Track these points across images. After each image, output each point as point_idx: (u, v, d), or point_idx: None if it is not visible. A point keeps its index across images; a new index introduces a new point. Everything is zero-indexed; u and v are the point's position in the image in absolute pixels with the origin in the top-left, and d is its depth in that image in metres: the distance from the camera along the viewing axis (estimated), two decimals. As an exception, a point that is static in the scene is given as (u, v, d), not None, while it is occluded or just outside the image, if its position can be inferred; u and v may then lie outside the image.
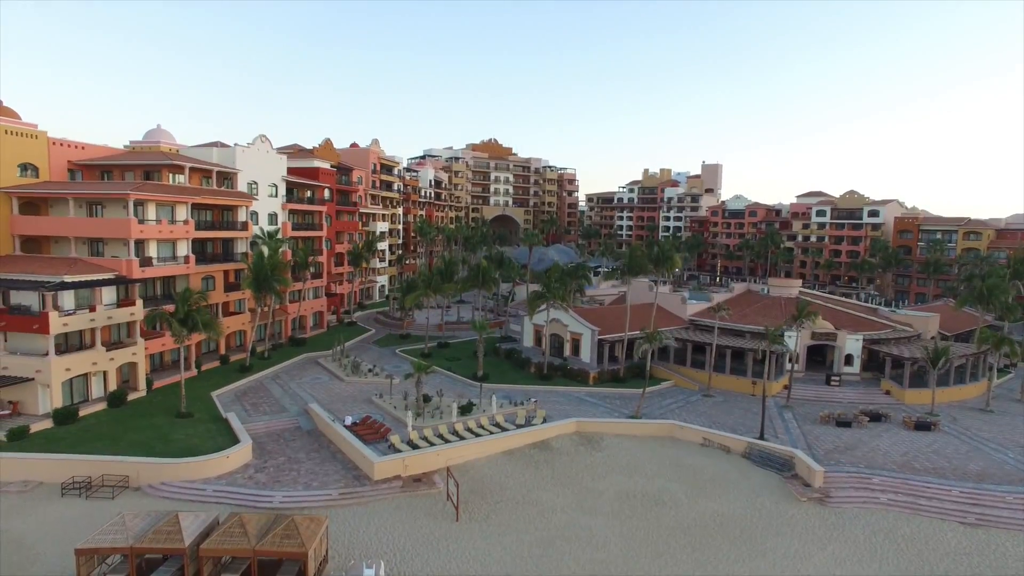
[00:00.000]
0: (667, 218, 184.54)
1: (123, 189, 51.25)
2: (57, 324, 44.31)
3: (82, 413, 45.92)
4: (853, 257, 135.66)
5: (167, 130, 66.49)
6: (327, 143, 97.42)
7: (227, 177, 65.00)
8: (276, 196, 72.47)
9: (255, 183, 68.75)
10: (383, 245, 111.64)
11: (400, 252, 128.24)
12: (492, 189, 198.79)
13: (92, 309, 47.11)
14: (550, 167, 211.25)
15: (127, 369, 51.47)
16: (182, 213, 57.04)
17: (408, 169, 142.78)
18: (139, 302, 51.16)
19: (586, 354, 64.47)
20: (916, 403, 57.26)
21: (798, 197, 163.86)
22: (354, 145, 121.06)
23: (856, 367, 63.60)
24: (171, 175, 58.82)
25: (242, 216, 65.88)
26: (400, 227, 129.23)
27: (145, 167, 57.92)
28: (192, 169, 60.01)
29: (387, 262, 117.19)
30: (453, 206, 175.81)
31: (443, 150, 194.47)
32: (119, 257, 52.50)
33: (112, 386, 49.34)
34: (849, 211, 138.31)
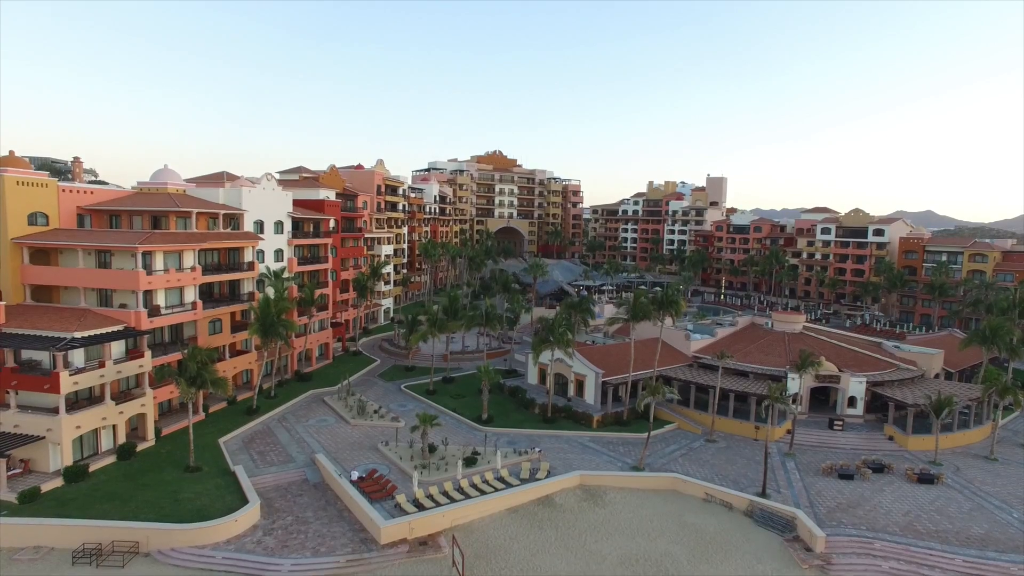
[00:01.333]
0: (671, 231, 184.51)
1: (131, 241, 51.78)
2: (67, 384, 44.93)
3: (92, 468, 46.55)
4: (858, 275, 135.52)
5: (174, 170, 67.13)
6: (332, 170, 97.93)
7: (233, 218, 65.49)
8: (282, 233, 72.99)
9: (261, 221, 69.28)
10: (388, 268, 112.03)
11: (405, 271, 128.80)
12: (497, 201, 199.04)
13: (101, 365, 47.72)
14: (555, 179, 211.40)
15: (136, 419, 52.09)
16: (189, 259, 57.61)
17: (413, 188, 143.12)
18: (147, 353, 51.76)
19: (590, 395, 64.84)
20: (919, 449, 57.46)
21: (804, 213, 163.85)
22: (359, 167, 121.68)
23: (859, 409, 63.72)
24: (178, 219, 59.30)
25: (248, 256, 66.42)
26: (405, 246, 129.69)
27: (153, 213, 58.44)
28: (199, 213, 60.49)
29: (392, 283, 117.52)
30: (458, 219, 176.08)
31: (448, 162, 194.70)
32: (127, 307, 53.12)
33: (121, 438, 49.99)
34: (854, 229, 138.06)
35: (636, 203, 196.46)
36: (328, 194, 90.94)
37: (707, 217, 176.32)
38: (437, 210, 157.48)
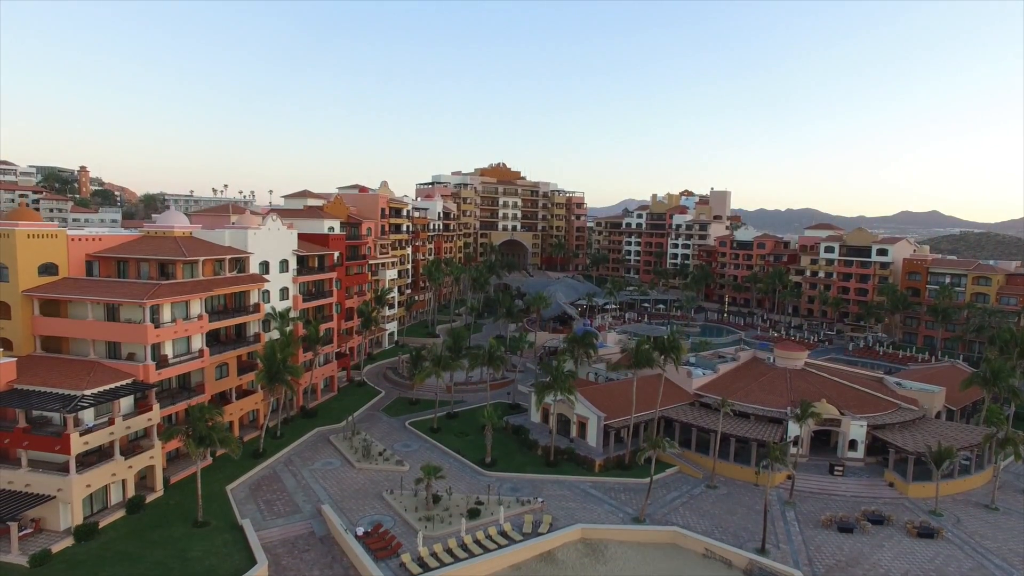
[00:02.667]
0: (675, 245, 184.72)
1: (139, 295, 52.54)
2: (78, 444, 45.76)
3: (102, 524, 47.35)
4: (861, 294, 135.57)
5: (180, 213, 67.75)
6: (337, 199, 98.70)
7: (239, 260, 66.21)
8: (287, 271, 73.72)
9: (267, 262, 70.00)
10: (392, 292, 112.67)
11: (409, 291, 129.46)
12: (500, 214, 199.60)
13: (111, 422, 48.56)
14: (558, 191, 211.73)
15: (145, 469, 52.87)
16: (196, 308, 58.37)
17: (417, 207, 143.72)
18: (156, 406, 52.56)
19: (592, 437, 65.40)
20: (920, 497, 57.81)
21: (807, 229, 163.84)
22: (363, 189, 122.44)
23: (860, 452, 64.09)
24: (185, 266, 60.03)
25: (254, 297, 67.19)
26: (409, 266, 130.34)
27: (160, 261, 59.16)
28: (205, 260, 61.22)
29: (396, 304, 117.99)
30: (461, 234, 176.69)
31: (451, 175, 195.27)
32: (135, 357, 53.96)
33: (131, 491, 50.80)
34: (858, 248, 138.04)
35: (640, 216, 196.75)
36: (333, 224, 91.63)
37: (711, 232, 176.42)
38: (441, 226, 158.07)
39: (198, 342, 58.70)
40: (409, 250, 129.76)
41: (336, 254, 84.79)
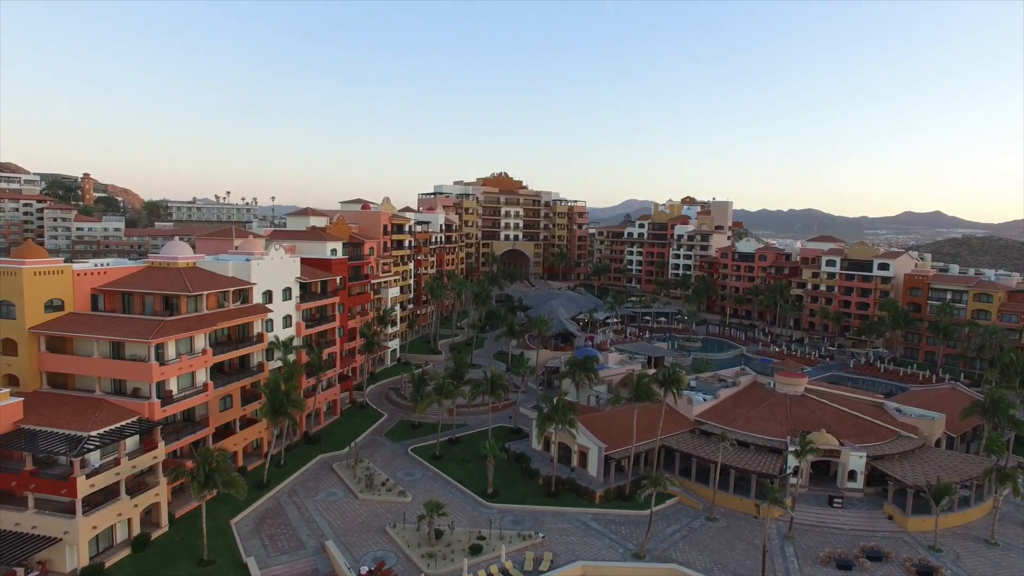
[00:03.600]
0: (677, 255, 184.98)
1: (144, 334, 53.06)
2: (84, 487, 46.30)
3: (108, 563, 47.89)
4: (863, 309, 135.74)
5: (184, 243, 68.28)
6: (340, 220, 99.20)
7: (242, 291, 66.72)
8: (290, 299, 74.24)
9: (270, 291, 70.53)
10: (395, 311, 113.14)
11: (412, 307, 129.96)
12: (503, 224, 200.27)
13: (117, 462, 49.10)
14: (560, 200, 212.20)
15: (150, 506, 53.39)
16: (200, 342, 58.88)
17: (419, 221, 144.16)
18: (161, 444, 53.10)
19: (593, 467, 65.81)
20: (919, 531, 58.09)
21: (809, 241, 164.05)
22: (366, 205, 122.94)
23: (859, 483, 64.41)
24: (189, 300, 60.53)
25: (258, 328, 67.73)
26: (411, 281, 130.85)
27: (164, 296, 59.69)
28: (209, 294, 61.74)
29: (398, 320, 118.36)
30: (463, 246, 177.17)
31: (453, 185, 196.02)
32: (141, 393, 54.54)
33: (136, 529, 51.36)
34: (859, 262, 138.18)
35: (642, 226, 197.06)
36: (335, 247, 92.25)
37: (712, 242, 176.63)
38: (443, 239, 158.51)
39: (202, 376, 59.27)
40: (411, 265, 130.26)
41: (338, 278, 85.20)
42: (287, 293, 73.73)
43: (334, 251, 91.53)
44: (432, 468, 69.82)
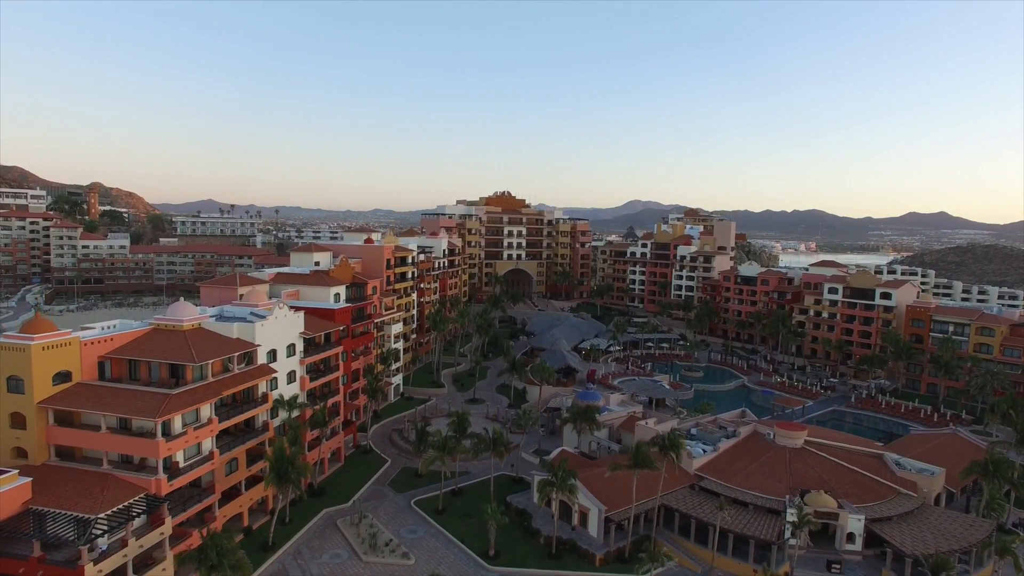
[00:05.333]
0: (679, 276, 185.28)
1: (150, 412, 53.86)
2: (92, 574, 47.15)
3: (116, 644, 48.75)
4: (864, 337, 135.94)
5: (189, 304, 69.02)
6: (343, 261, 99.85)
7: (248, 354, 67.50)
8: (294, 355, 75.02)
9: (274, 350, 71.33)
10: (398, 345, 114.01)
11: (415, 336, 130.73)
12: (505, 243, 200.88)
13: (124, 543, 49.92)
14: (562, 219, 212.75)
15: (156, 579, 54.26)
16: (206, 412, 59.73)
17: (422, 246, 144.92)
18: (168, 519, 53.94)
19: (593, 528, 66.49)
20: (917, 598, 58.50)
21: (811, 266, 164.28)
22: (368, 240, 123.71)
23: (858, 545, 64.84)
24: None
25: (262, 388, 68.54)
26: (415, 311, 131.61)
27: (170, 365, 60.50)
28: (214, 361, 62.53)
29: (401, 355, 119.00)
30: (466, 268, 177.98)
31: (456, 205, 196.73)
32: (148, 465, 55.38)
33: (143, 605, 52.15)
34: (861, 290, 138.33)
35: (644, 246, 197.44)
36: (339, 291, 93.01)
37: (715, 264, 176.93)
38: (446, 263, 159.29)
39: (208, 444, 60.10)
40: (414, 296, 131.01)
41: (342, 327, 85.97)
42: (291, 349, 74.52)
43: (337, 296, 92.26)
44: (435, 525, 70.55)
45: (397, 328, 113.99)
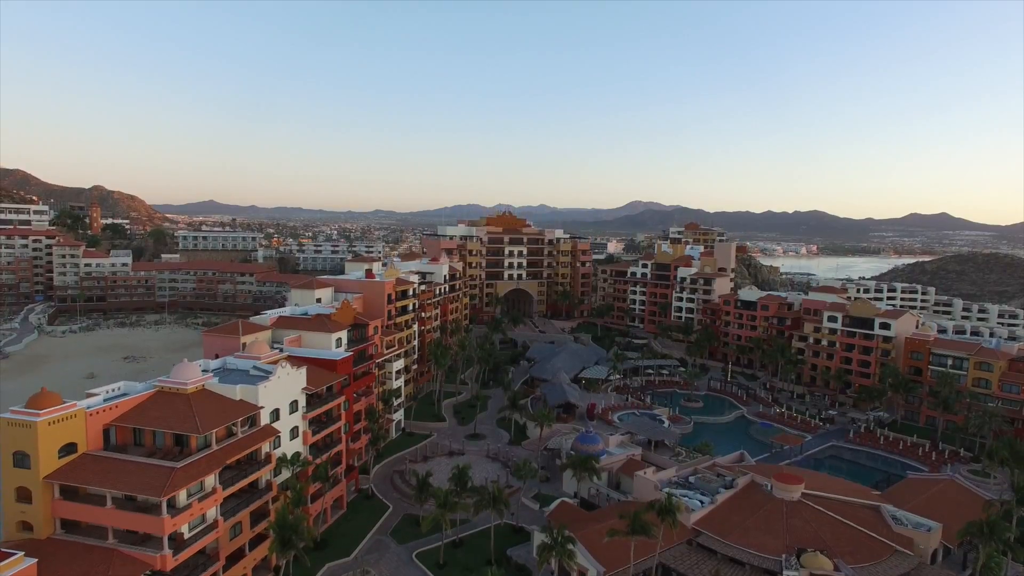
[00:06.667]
0: (680, 298, 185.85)
1: (155, 491, 54.62)
2: (100, 661, 47.97)
3: None
4: (864, 366, 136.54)
5: (193, 365, 69.72)
6: (344, 304, 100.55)
7: (251, 417, 68.21)
8: (296, 411, 75.74)
9: (277, 409, 72.06)
10: (399, 382, 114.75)
11: (416, 367, 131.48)
12: (506, 263, 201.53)
13: (131, 625, 50.76)
14: (563, 238, 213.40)
15: (162, 652, 55.09)
16: (211, 481, 60.48)
17: (423, 273, 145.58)
18: (173, 595, 54.76)
19: (593, 588, 67.18)
20: (912, 666, 59.23)
21: (812, 291, 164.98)
22: (369, 274, 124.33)
23: (856, 607, 65.50)
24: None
25: (266, 448, 69.27)
26: (416, 342, 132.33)
27: (175, 435, 61.27)
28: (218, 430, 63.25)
29: (402, 388, 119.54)
30: (467, 291, 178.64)
31: (457, 226, 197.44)
32: (153, 539, 56.15)
33: None
34: (861, 320, 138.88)
35: (645, 266, 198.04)
36: (340, 336, 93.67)
37: (715, 287, 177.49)
38: (447, 288, 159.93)
39: (213, 513, 60.86)
40: (416, 327, 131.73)
41: (344, 378, 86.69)
42: (294, 406, 75.23)
43: (339, 341, 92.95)
44: (436, 581, 71.36)
45: (398, 365, 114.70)
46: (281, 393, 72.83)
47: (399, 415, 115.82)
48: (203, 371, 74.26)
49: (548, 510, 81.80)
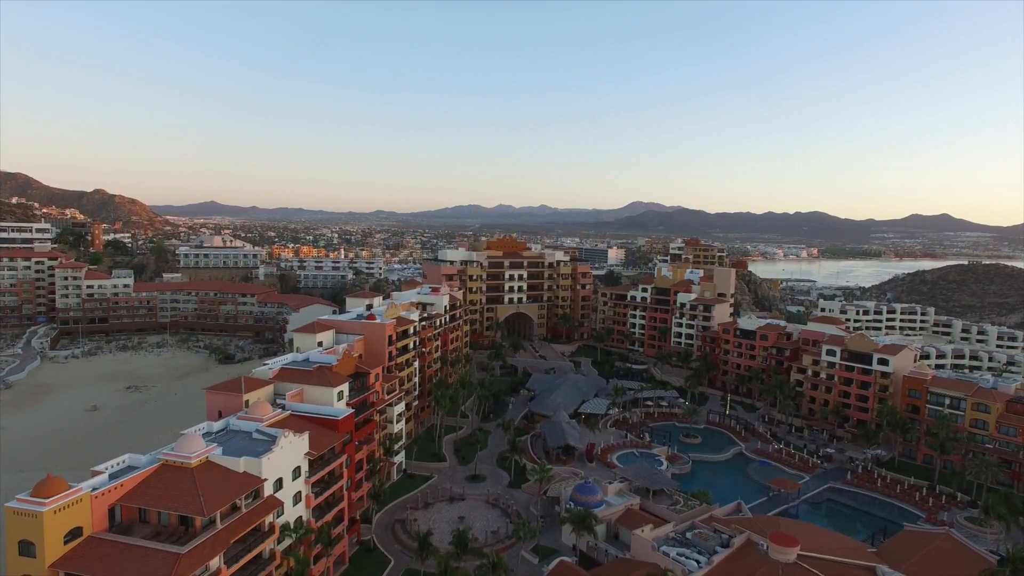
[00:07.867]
0: (679, 324, 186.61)
1: (162, 579, 55.52)
2: None
3: None
4: (862, 401, 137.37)
5: (197, 437, 70.55)
6: (347, 354, 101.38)
7: (256, 491, 69.07)
8: (300, 476, 76.61)
9: (281, 478, 72.93)
10: (400, 425, 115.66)
11: (416, 404, 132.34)
12: (506, 287, 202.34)
13: None
14: (563, 261, 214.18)
15: None
16: (216, 563, 61.39)
17: (424, 312, 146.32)
18: None
19: (592, 659, 68.16)
20: None
21: (811, 322, 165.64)
22: (371, 317, 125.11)
23: None
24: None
25: (270, 518, 70.17)
26: (416, 379, 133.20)
27: (178, 515, 62.16)
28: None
29: (403, 430, 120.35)
30: (468, 319, 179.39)
31: (457, 251, 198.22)
32: (159, 624, 57.01)
33: None
34: (859, 354, 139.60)
35: (645, 290, 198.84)
36: (342, 388, 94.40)
37: (715, 314, 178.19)
38: (448, 319, 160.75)
39: (217, 594, 61.78)
40: (416, 364, 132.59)
41: (346, 436, 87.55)
42: (296, 472, 76.08)
43: (341, 394, 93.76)
44: (437, 649, 72.30)
45: (399, 408, 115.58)
46: (284, 462, 73.65)
47: (400, 457, 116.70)
48: (205, 433, 75.49)
49: (547, 569, 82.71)
